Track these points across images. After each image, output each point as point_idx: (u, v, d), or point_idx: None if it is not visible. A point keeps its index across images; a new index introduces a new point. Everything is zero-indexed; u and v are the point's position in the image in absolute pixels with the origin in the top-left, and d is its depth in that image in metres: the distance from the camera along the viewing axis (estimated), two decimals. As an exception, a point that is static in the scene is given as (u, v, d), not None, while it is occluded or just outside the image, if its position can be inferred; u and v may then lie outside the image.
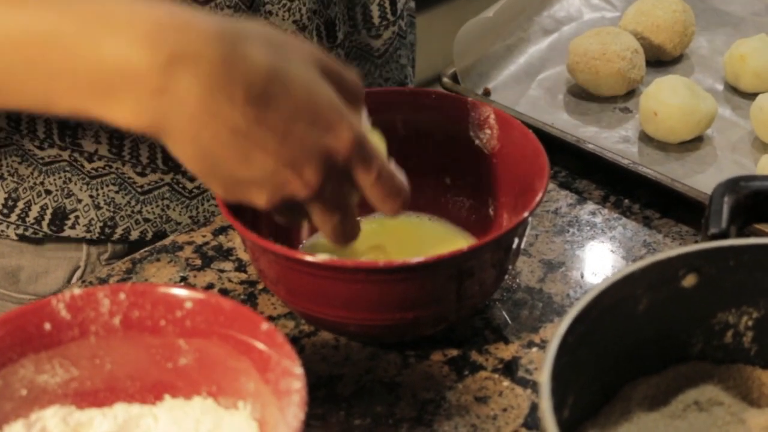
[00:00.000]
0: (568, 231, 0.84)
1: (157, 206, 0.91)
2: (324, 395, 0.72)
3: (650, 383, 0.67)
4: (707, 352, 0.68)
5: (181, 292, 0.66)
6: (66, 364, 0.66)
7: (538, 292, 0.79)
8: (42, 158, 0.89)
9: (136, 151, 0.89)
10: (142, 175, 0.90)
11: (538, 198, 0.71)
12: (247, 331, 0.64)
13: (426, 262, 0.67)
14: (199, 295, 0.65)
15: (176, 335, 0.66)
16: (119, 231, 0.91)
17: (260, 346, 0.63)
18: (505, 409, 0.71)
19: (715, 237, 0.66)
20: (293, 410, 0.58)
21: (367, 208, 0.82)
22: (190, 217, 0.92)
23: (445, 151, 0.81)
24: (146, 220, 0.91)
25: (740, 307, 0.66)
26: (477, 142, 0.79)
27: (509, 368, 0.73)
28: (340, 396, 0.72)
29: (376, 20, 0.97)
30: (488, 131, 0.79)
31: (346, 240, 0.71)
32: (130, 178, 0.90)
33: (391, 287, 0.68)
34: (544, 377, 0.57)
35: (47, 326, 0.65)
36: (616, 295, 0.63)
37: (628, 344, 0.65)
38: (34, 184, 0.89)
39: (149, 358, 0.67)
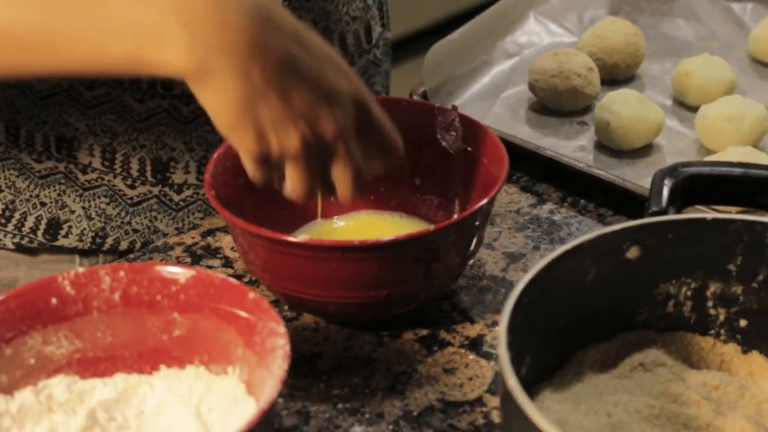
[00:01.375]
0: (529, 227, 0.92)
1: (146, 217, 0.97)
2: (306, 370, 0.79)
3: (599, 349, 0.73)
4: (651, 321, 0.75)
5: (175, 269, 0.73)
6: (70, 337, 0.73)
7: (501, 279, 0.86)
8: (39, 171, 0.95)
9: (126, 164, 0.96)
10: (132, 187, 0.97)
11: (498, 185, 0.78)
12: (235, 301, 0.70)
13: (397, 241, 0.75)
14: (191, 271, 0.72)
15: (171, 309, 0.73)
16: (109, 241, 0.98)
17: (247, 314, 0.70)
18: (470, 378, 0.77)
19: (655, 214, 0.74)
20: (278, 362, 0.65)
21: (343, 207, 0.89)
22: (176, 229, 0.98)
23: (414, 154, 0.88)
24: (135, 231, 0.98)
25: (680, 279, 0.73)
26: (443, 143, 0.87)
27: (474, 344, 0.80)
28: (321, 371, 0.79)
29: (351, 48, 1.05)
30: (453, 133, 0.86)
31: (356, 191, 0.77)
32: (120, 190, 0.96)
33: (365, 265, 0.75)
34: (501, 328, 0.64)
35: (54, 301, 0.72)
36: (566, 265, 0.70)
37: (579, 312, 0.72)
38: (30, 196, 0.96)
39: (146, 331, 0.73)
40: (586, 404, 0.69)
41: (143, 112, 0.94)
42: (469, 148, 0.86)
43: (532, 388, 0.71)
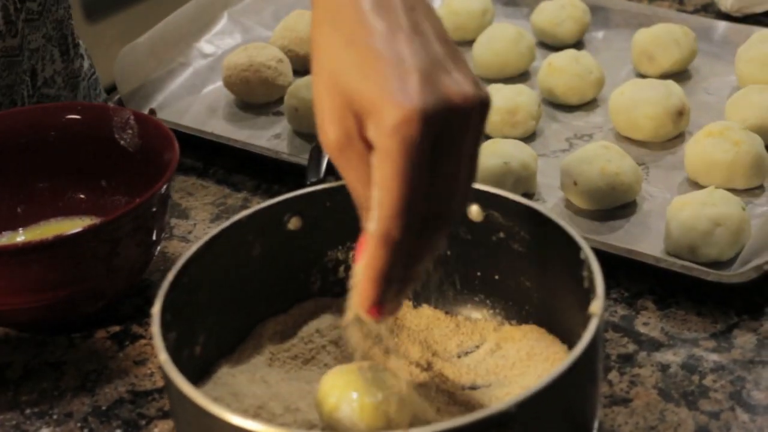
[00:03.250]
0: (223, 217, 0.94)
1: None
2: (-7, 382, 0.78)
3: (278, 321, 0.76)
4: (326, 288, 0.77)
5: None
6: None
7: (194, 269, 0.88)
8: None
9: None
10: None
11: (170, 171, 0.79)
12: None
13: (63, 238, 0.75)
14: None
15: None
16: None
17: None
18: (160, 367, 0.78)
19: (313, 185, 0.76)
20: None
21: (28, 218, 0.89)
22: None
23: (96, 157, 0.89)
24: None
25: (345, 244, 0.76)
26: (122, 143, 0.88)
27: (165, 334, 0.81)
28: (9, 380, 0.78)
29: None
30: (130, 131, 0.87)
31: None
32: None
33: (39, 266, 0.75)
34: (155, 309, 0.65)
35: None
36: (228, 241, 0.71)
37: (252, 287, 0.74)
38: None
39: None
40: (261, 374, 0.71)
41: None
42: (146, 144, 0.87)
43: (211, 366, 0.72)
